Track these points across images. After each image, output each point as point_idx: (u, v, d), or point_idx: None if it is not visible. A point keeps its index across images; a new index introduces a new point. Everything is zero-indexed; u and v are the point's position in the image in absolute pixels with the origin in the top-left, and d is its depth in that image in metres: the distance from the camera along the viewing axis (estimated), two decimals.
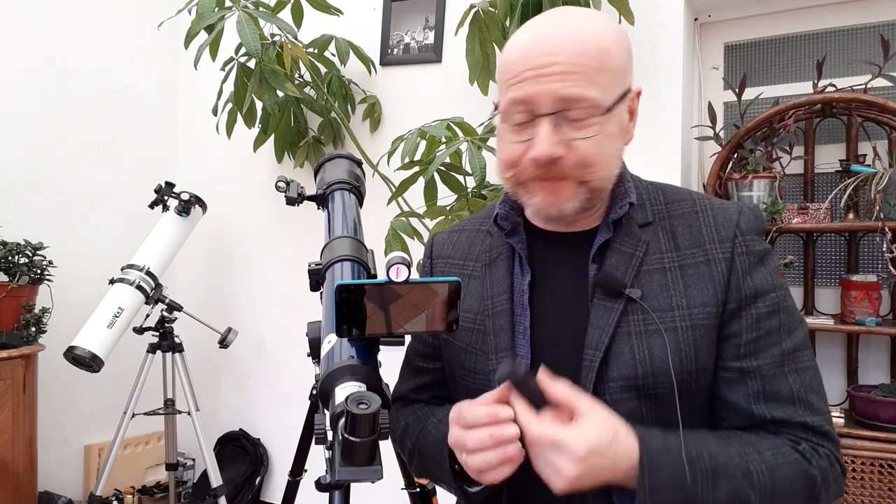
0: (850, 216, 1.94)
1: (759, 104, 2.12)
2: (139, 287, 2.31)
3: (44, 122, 2.67)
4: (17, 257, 2.34)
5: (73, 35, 2.77)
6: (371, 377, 0.73)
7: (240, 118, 2.41)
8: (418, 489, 1.51)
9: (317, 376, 0.79)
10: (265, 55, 2.12)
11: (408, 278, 0.69)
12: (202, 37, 2.17)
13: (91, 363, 2.15)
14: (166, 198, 2.49)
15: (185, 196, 2.48)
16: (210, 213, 2.64)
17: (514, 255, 0.90)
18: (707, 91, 2.30)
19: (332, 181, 1.15)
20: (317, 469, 0.84)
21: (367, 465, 0.64)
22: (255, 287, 3.01)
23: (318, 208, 1.16)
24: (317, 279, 0.96)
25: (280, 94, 2.29)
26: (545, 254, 0.89)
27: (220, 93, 2.36)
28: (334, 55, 2.46)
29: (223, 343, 2.50)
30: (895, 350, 1.97)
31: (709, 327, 0.79)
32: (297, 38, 2.26)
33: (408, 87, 2.60)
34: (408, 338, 0.76)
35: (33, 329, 2.36)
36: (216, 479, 2.41)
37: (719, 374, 0.81)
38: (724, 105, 2.27)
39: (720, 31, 2.29)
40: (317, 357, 0.83)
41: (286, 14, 2.34)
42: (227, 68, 2.33)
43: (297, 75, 2.47)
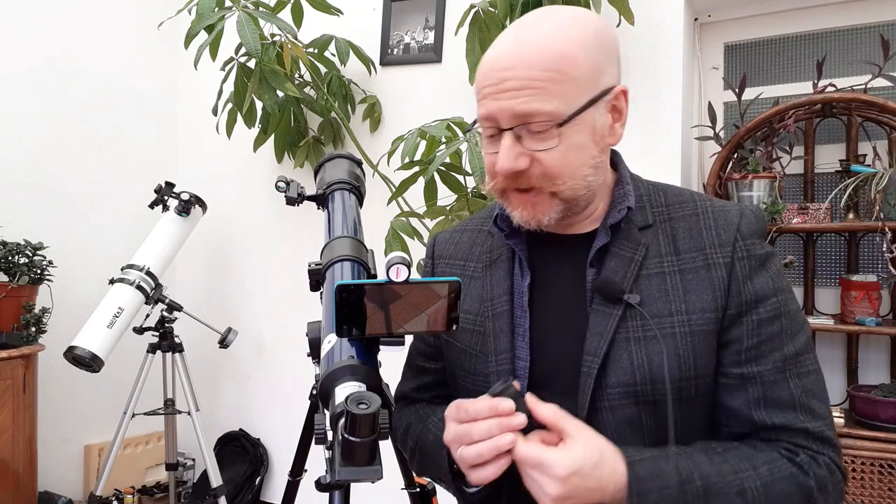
0: (850, 216, 1.94)
1: (759, 104, 2.12)
2: (139, 287, 2.31)
3: (44, 122, 2.67)
4: (17, 257, 2.34)
5: (72, 35, 2.77)
6: (371, 377, 0.73)
7: (240, 118, 2.41)
8: (418, 489, 1.51)
9: (317, 376, 0.79)
10: (265, 55, 2.12)
11: (408, 278, 0.69)
12: (202, 37, 2.17)
13: (91, 363, 2.15)
14: (166, 198, 2.49)
15: (185, 196, 2.48)
16: (210, 213, 2.64)
17: (515, 256, 0.90)
18: (707, 91, 2.30)
19: (332, 181, 1.15)
20: (317, 469, 0.84)
21: (367, 465, 0.64)
22: (255, 287, 3.01)
23: (318, 208, 1.15)
24: (317, 279, 0.96)
25: (280, 94, 2.29)
26: (545, 255, 0.89)
27: (220, 93, 2.36)
28: (334, 55, 2.46)
29: (223, 343, 2.50)
30: (895, 350, 1.97)
31: (708, 333, 0.79)
32: (297, 38, 2.26)
33: (408, 87, 2.60)
34: (408, 338, 0.76)
35: (33, 329, 2.37)
36: (216, 479, 2.41)
37: (720, 380, 0.80)
38: (724, 105, 2.27)
39: (720, 31, 2.29)
40: (317, 357, 0.83)
41: (286, 14, 2.34)
42: (227, 68, 2.33)
43: (297, 75, 2.47)
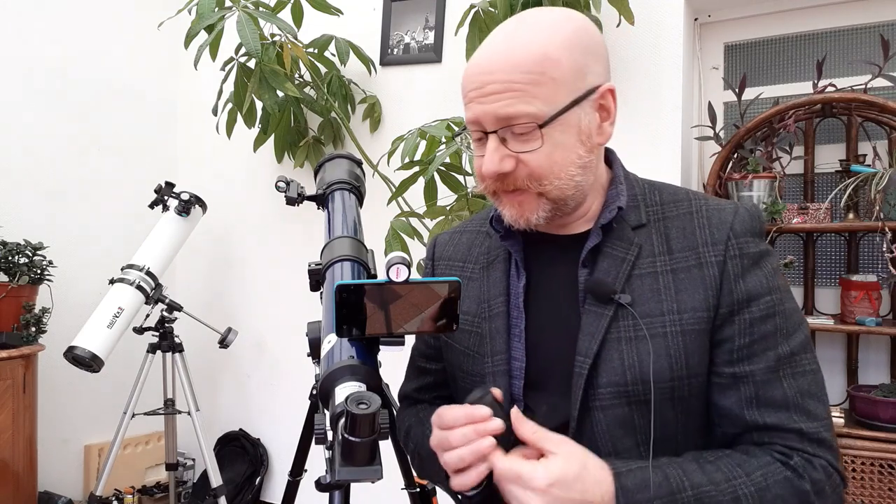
0: (850, 216, 1.94)
1: (759, 104, 2.12)
2: (139, 287, 2.31)
3: (44, 122, 2.67)
4: (17, 257, 2.34)
5: (73, 35, 2.77)
6: (371, 377, 0.73)
7: (240, 118, 2.41)
8: (418, 489, 1.51)
9: (317, 376, 0.79)
10: (265, 55, 2.12)
11: (408, 278, 0.69)
12: (202, 37, 2.17)
13: (91, 363, 2.15)
14: (166, 198, 2.49)
15: (185, 196, 2.48)
16: (210, 213, 2.63)
17: (511, 257, 0.90)
18: (707, 91, 2.30)
19: (332, 181, 1.15)
20: (317, 469, 0.84)
21: (367, 465, 0.64)
22: (255, 287, 3.01)
23: (318, 208, 1.16)
24: (317, 279, 0.96)
25: (280, 94, 2.29)
26: (540, 256, 0.89)
27: (220, 93, 2.36)
28: (334, 55, 2.46)
29: (223, 343, 2.50)
30: (895, 350, 1.97)
31: (700, 332, 0.78)
32: (297, 38, 2.26)
33: (408, 87, 2.59)
34: (409, 338, 0.76)
35: (33, 329, 2.36)
36: (216, 479, 2.41)
37: (713, 379, 0.80)
38: (724, 105, 2.27)
39: (720, 31, 2.29)
40: (317, 357, 0.83)
41: (286, 14, 2.34)
42: (227, 68, 2.33)
43: (297, 75, 2.47)
